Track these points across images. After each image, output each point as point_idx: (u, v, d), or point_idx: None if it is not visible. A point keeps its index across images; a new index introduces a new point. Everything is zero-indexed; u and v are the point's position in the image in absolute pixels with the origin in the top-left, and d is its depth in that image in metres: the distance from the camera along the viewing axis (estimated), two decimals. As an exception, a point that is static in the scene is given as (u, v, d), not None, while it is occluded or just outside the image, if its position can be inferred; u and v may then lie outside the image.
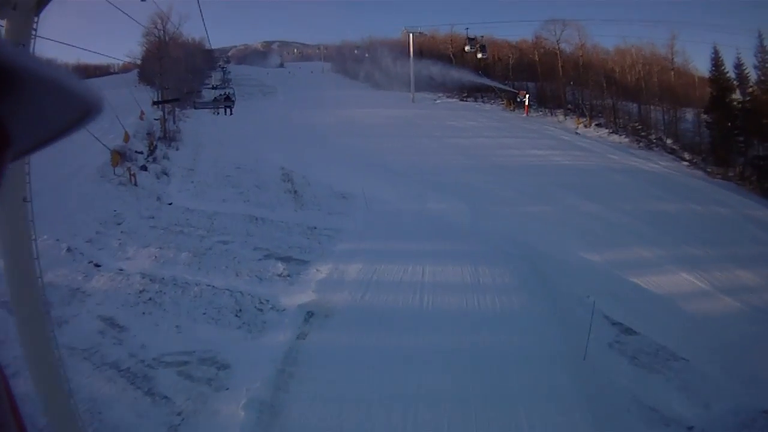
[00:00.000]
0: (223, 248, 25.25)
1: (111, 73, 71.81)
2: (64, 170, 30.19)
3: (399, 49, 77.51)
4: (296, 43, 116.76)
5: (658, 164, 45.32)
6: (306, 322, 19.45)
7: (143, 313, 19.84)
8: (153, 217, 28.88)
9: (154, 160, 38.36)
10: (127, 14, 26.74)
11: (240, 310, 20.23)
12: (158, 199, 31.81)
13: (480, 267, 23.12)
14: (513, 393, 15.49)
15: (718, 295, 22.97)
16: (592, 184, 36.60)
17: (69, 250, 23.66)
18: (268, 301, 20.82)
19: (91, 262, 23.29)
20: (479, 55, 67.65)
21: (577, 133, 55.90)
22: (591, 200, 33.06)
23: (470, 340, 17.89)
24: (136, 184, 32.63)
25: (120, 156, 33.78)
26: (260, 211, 30.68)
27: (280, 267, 23.60)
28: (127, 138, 38.05)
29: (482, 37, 68.10)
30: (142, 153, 38.26)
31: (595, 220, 30.17)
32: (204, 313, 19.91)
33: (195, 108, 44.24)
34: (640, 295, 22.76)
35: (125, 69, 70.73)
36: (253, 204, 32.12)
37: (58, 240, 23.87)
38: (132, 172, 33.11)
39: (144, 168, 35.49)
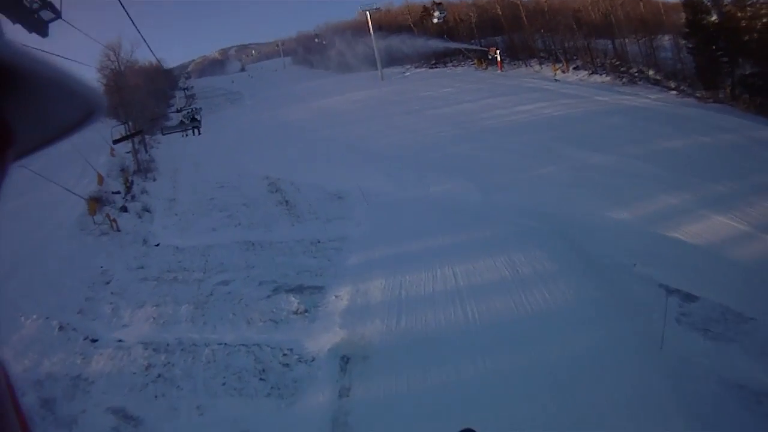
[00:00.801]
0: (225, 291, 22.41)
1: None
2: (42, 231, 28.82)
3: (358, 30, 76.39)
4: (253, 44, 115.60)
5: (647, 98, 43.48)
6: (343, 371, 16.59)
7: (155, 396, 16.95)
8: (142, 267, 25.96)
9: (133, 197, 35.77)
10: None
11: (263, 371, 17.26)
12: (144, 242, 29.08)
13: (513, 254, 20.76)
14: (611, 414, 13.31)
15: (758, 234, 21.29)
16: (592, 133, 34.63)
17: (61, 327, 20.99)
18: (291, 350, 17.85)
19: (86, 338, 20.48)
20: (436, 15, 65.48)
21: (556, 80, 53.65)
22: (597, 151, 31.05)
23: (538, 357, 15.34)
24: (118, 230, 30.06)
25: (96, 202, 31.56)
26: (255, 234, 27.89)
27: (294, 301, 20.71)
28: (101, 180, 35.76)
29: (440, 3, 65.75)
30: (119, 192, 35.80)
31: (609, 173, 28.01)
32: (224, 384, 16.98)
33: (163, 134, 43.28)
34: (683, 250, 20.78)
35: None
36: (246, 227, 29.34)
37: (47, 318, 21.49)
38: (112, 218, 30.57)
39: (124, 209, 32.97)
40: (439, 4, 64.99)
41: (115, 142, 35.48)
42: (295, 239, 26.24)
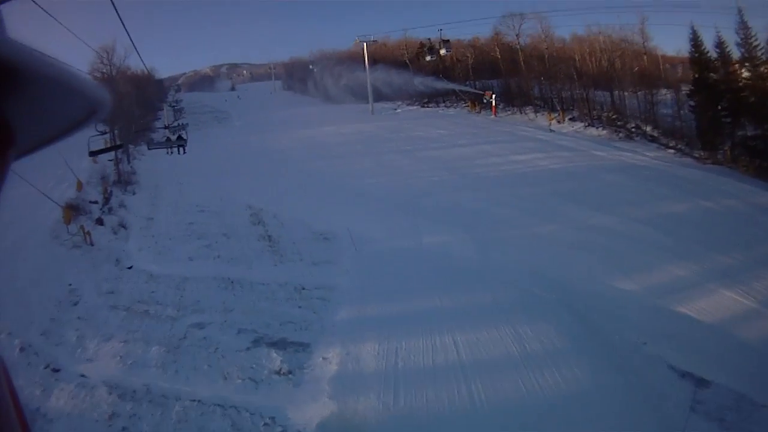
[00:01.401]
0: (200, 335, 20.28)
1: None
2: (15, 234, 26.95)
3: (351, 60, 74.79)
4: (245, 64, 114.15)
5: (645, 155, 42.42)
6: (335, 457, 14.67)
7: (119, 455, 15.08)
8: (113, 292, 23.90)
9: (110, 210, 33.99)
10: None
11: (241, 442, 15.35)
12: (117, 262, 27.04)
13: (519, 326, 19.06)
14: None
15: (765, 311, 20.17)
16: (591, 190, 33.27)
17: (22, 349, 19.11)
18: (274, 419, 15.60)
19: (48, 366, 18.52)
20: (442, 52, 64.41)
21: (551, 130, 52.24)
22: (597, 210, 29.66)
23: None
24: (92, 244, 28.22)
25: (73, 211, 29.95)
26: (235, 271, 25.71)
27: (276, 359, 18.59)
28: (80, 186, 34.30)
29: (437, 39, 65.08)
30: (96, 203, 33.95)
31: (610, 236, 26.55)
32: (196, 452, 15.04)
33: (149, 148, 42.28)
34: (691, 328, 19.46)
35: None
36: (225, 260, 27.30)
37: (10, 334, 19.70)
38: (86, 230, 28.68)
39: (100, 221, 31.19)
40: (447, 41, 63.74)
41: (92, 154, 32.58)
42: (278, 282, 24.12)
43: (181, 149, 36.74)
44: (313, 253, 27.03)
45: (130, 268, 26.52)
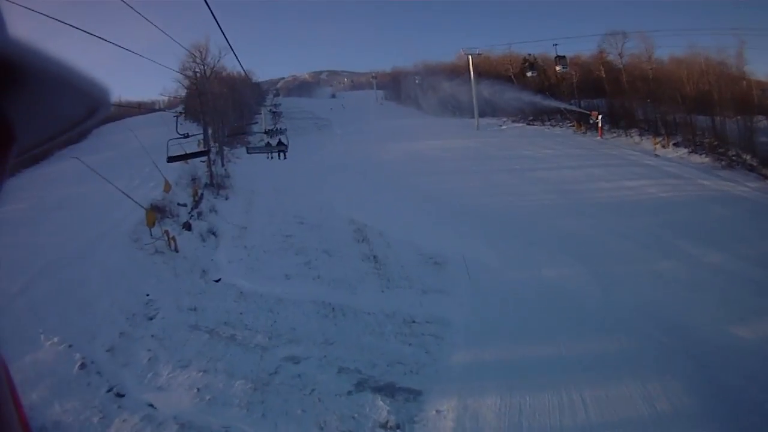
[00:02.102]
0: (294, 371, 17.43)
1: (156, 110, 64.72)
2: (92, 231, 25.46)
3: (454, 73, 72.85)
4: (345, 72, 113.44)
5: (746, 186, 39.28)
6: None
7: None
8: (195, 309, 21.24)
9: (200, 214, 32.00)
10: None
11: None
12: (203, 273, 24.70)
13: (647, 382, 16.37)
14: None
15: None
16: (701, 223, 30.38)
17: (83, 365, 16.55)
18: None
19: (111, 389, 15.84)
20: (558, 69, 61.80)
21: (656, 155, 49.43)
22: (710, 246, 26.69)
23: None
24: (176, 250, 25.96)
25: (158, 213, 27.78)
26: (337, 295, 22.64)
27: (383, 408, 15.70)
28: (168, 187, 32.23)
29: (533, 55, 64.17)
30: (185, 205, 32.34)
31: (726, 276, 23.60)
32: None
33: (248, 153, 40.32)
34: None
35: (171, 105, 64.82)
36: (326, 282, 24.17)
37: (70, 346, 17.27)
38: (171, 235, 26.36)
39: (187, 226, 29.20)
40: (563, 57, 60.73)
41: (170, 160, 28.99)
42: (385, 311, 21.30)
43: (281, 154, 34.91)
44: (423, 280, 24.15)
45: (217, 281, 24.21)
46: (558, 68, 61.07)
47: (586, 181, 40.37)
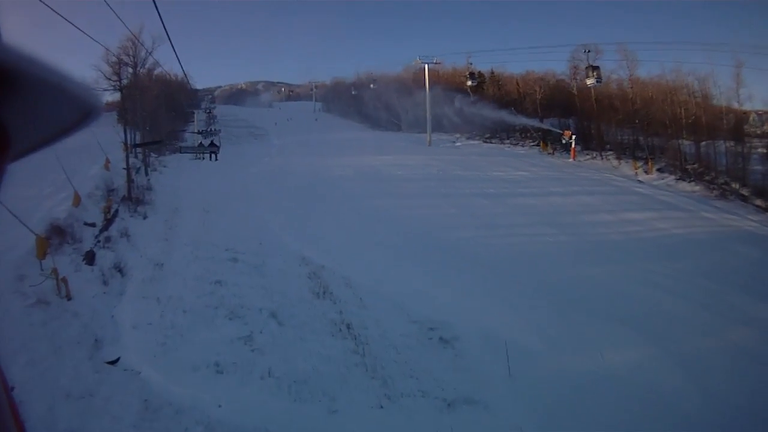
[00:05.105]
0: None
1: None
2: None
3: (403, 85, 68.23)
4: (282, 83, 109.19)
5: (749, 219, 34.51)
6: None
7: None
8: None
9: (107, 240, 23.65)
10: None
11: None
12: (95, 346, 15.03)
13: None
14: None
15: None
16: (740, 270, 24.37)
17: None
18: None
19: None
20: (589, 82, 52.37)
21: (639, 180, 44.02)
22: (762, 301, 20.67)
23: None
24: (68, 297, 16.95)
25: (57, 237, 20.10)
26: (305, 420, 13.01)
27: None
28: (77, 201, 25.07)
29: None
30: (93, 225, 24.63)
31: None
32: None
33: (180, 153, 41.51)
34: None
35: (107, 108, 58.80)
36: (284, 387, 14.29)
37: None
38: (61, 277, 17.24)
39: (90, 258, 20.60)
40: (596, 67, 50.37)
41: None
42: None
43: (213, 156, 35.29)
44: (436, 374, 15.10)
45: (114, 362, 14.78)
46: (589, 82, 51.09)
47: (582, 212, 33.61)
